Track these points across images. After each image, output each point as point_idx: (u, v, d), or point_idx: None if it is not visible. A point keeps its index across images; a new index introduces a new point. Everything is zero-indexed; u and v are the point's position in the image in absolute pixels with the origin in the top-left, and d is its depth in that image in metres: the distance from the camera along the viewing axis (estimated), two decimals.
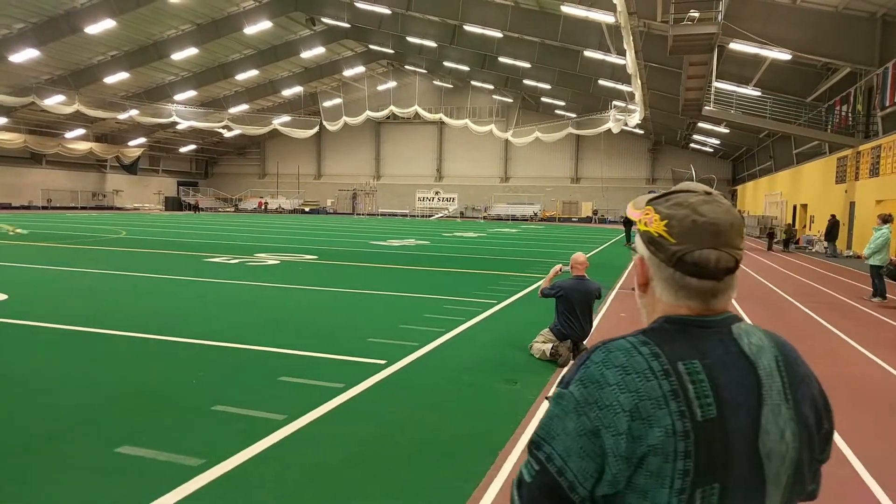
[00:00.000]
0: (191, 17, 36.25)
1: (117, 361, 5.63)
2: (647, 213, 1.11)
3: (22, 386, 4.87)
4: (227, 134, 54.16)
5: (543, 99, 47.68)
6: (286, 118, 51.48)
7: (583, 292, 6.19)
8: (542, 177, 56.48)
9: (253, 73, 45.22)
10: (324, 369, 5.49)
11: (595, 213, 53.30)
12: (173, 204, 59.17)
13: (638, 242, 1.13)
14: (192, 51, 38.81)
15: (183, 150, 60.50)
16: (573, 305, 6.12)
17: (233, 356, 5.93)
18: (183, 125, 48.96)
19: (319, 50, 43.51)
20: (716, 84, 23.11)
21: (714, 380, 0.99)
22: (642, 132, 49.40)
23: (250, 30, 37.31)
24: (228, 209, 60.78)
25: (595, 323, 7.94)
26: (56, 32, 33.77)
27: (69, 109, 40.99)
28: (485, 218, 53.82)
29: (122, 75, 40.47)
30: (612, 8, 18.45)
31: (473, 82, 48.21)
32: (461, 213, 56.26)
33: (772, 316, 9.36)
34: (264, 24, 37.07)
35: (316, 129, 51.32)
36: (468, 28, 31.38)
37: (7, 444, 3.73)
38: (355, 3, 32.95)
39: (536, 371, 5.66)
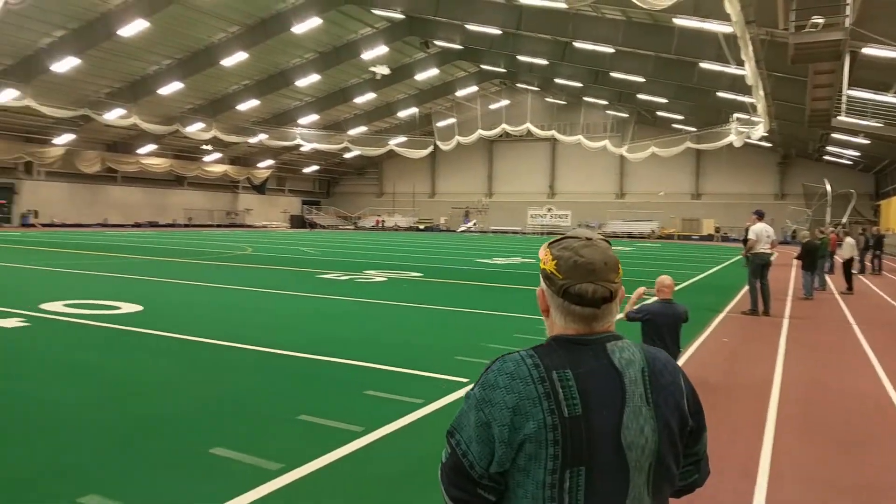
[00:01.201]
0: (314, 47, 38.52)
1: (221, 369, 6.16)
2: (546, 254, 1.39)
3: (133, 387, 5.46)
4: (347, 155, 56.80)
5: (660, 113, 46.21)
6: (402, 139, 53.23)
7: (670, 316, 6.02)
8: (660, 192, 54.59)
9: (371, 96, 47.20)
10: (407, 385, 5.72)
11: (717, 230, 50.68)
12: (298, 222, 62.65)
13: (540, 278, 1.41)
14: (314, 77, 41.20)
15: (307, 170, 64.07)
16: (660, 330, 5.97)
17: (325, 368, 6.30)
18: (307, 147, 51.95)
19: (433, 72, 44.73)
20: (848, 92, 21.44)
21: (582, 385, 1.25)
22: (769, 145, 46.56)
23: (368, 55, 39.06)
24: (348, 227, 63.53)
25: (693, 347, 7.68)
26: (198, 66, 37.06)
27: (207, 135, 44.75)
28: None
29: (253, 102, 43.61)
30: (728, 18, 17.71)
31: (586, 98, 47.59)
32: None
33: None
34: (381, 50, 38.70)
35: (430, 149, 52.65)
36: (579, 45, 31.14)
37: (112, 438, 4.23)
38: (466, 26, 33.65)
39: None
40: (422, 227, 60.41)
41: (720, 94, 32.89)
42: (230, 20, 33.64)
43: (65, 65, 32.99)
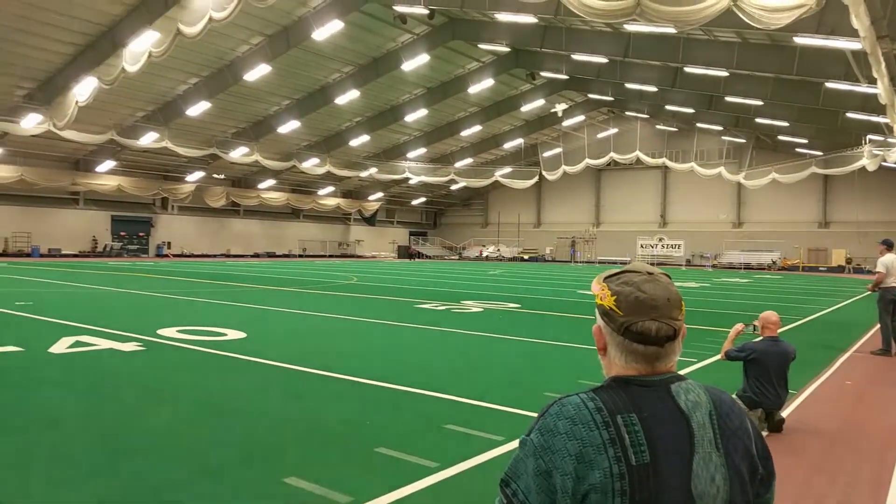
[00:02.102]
0: (422, 83, 39.68)
1: (312, 398, 6.28)
2: (602, 290, 1.32)
3: (224, 412, 5.66)
4: (453, 187, 57.69)
5: (781, 137, 43.54)
6: (507, 170, 53.42)
7: (780, 355, 5.52)
8: (782, 221, 51.16)
9: (477, 128, 47.85)
10: (490, 420, 5.56)
11: (849, 261, 46.67)
12: (405, 252, 64.15)
13: (596, 314, 1.34)
14: (422, 112, 42.36)
15: (414, 202, 65.67)
16: (768, 370, 5.48)
17: (411, 400, 6.26)
18: (414, 180, 53.36)
19: (539, 102, 44.73)
20: None
21: (648, 431, 1.18)
22: None
23: (474, 89, 39.71)
24: (453, 257, 64.22)
25: (810, 389, 7.00)
26: (314, 105, 39.19)
27: (322, 170, 47.01)
28: (714, 266, 50.03)
29: (364, 138, 45.41)
30: (855, 34, 16.46)
31: (699, 124, 45.75)
32: (687, 260, 52.93)
33: None
34: (487, 83, 39.22)
35: (535, 179, 52.47)
36: (690, 69, 30.08)
37: (196, 462, 4.36)
38: (573, 56, 33.46)
39: None
40: (526, 257, 59.98)
41: (850, 115, 30.55)
42: (344, 61, 35.39)
43: (197, 109, 35.91)
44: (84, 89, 30.15)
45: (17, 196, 40.28)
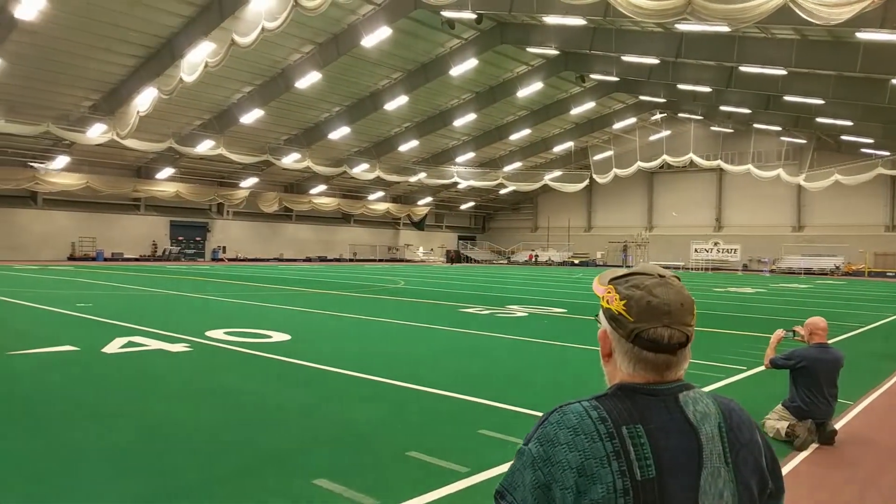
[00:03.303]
0: (470, 87, 39.72)
1: (349, 400, 6.31)
2: (609, 292, 1.24)
3: (262, 412, 5.74)
4: (502, 191, 57.51)
5: (844, 137, 41.78)
6: (557, 173, 52.94)
7: (830, 362, 5.26)
8: (846, 224, 49.03)
9: (526, 132, 47.58)
10: (527, 426, 5.46)
11: None
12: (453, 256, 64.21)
13: (601, 317, 1.27)
14: (471, 117, 42.37)
15: (463, 207, 65.70)
16: (817, 379, 5.22)
17: (446, 404, 6.23)
18: (463, 185, 53.40)
19: (589, 105, 44.17)
20: None
21: (655, 443, 1.11)
22: None
23: (523, 93, 39.50)
24: (501, 261, 63.97)
25: (867, 400, 6.66)
26: (363, 111, 39.69)
27: (371, 176, 47.55)
28: (772, 271, 48.35)
29: (413, 143, 45.71)
30: None
31: (756, 125, 44.34)
32: (744, 265, 51.31)
33: None
34: (536, 86, 38.95)
35: (586, 183, 51.88)
36: (746, 69, 29.20)
37: (232, 461, 4.43)
38: (623, 57, 32.93)
39: None
40: (576, 261, 59.24)
41: None
42: (393, 67, 35.74)
43: (251, 116, 36.83)
44: (145, 99, 31.33)
45: (83, 202, 42.10)
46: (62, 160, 38.88)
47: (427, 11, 29.35)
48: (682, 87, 35.77)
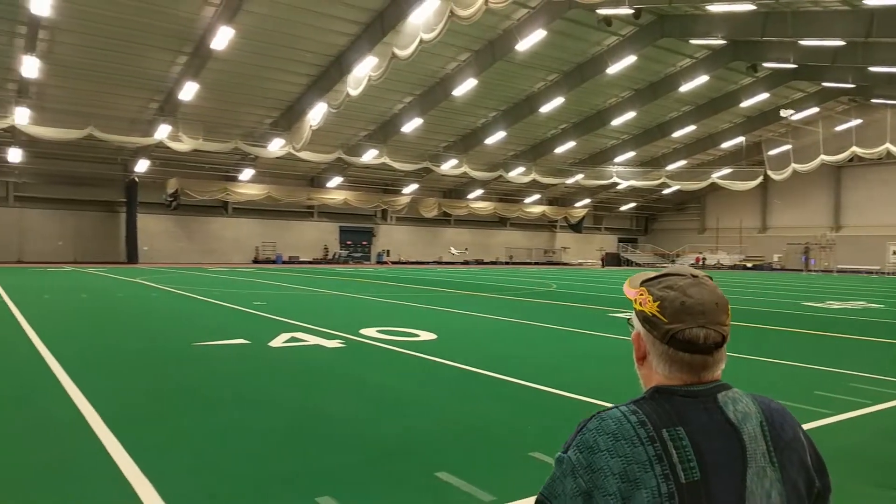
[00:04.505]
0: (629, 85, 38.47)
1: (485, 400, 6.44)
2: (642, 294, 1.24)
3: (400, 407, 6.03)
4: (665, 191, 54.94)
5: None
6: (726, 171, 49.61)
7: None
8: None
9: (690, 128, 45.12)
10: None
11: None
12: (612, 259, 62.35)
13: (635, 320, 1.27)
14: (630, 115, 41.01)
15: (623, 208, 63.60)
16: None
17: (581, 409, 6.13)
18: (623, 185, 51.76)
19: (762, 96, 40.90)
20: None
21: (697, 445, 1.10)
22: None
23: (687, 87, 37.53)
24: (665, 265, 61.02)
25: None
26: (519, 115, 39.95)
27: (527, 179, 47.65)
28: None
29: (570, 144, 45.15)
30: None
31: None
32: None
33: None
34: (701, 79, 36.83)
35: (759, 180, 48.11)
36: None
37: (362, 451, 4.72)
38: (800, 42, 30.14)
39: None
40: (749, 265, 54.97)
41: None
42: (548, 69, 35.62)
43: (411, 125, 38.54)
44: (316, 114, 34.00)
45: (265, 210, 46.53)
46: (248, 173, 43.25)
47: (582, 11, 28.91)
48: (874, 69, 31.98)
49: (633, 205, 63.26)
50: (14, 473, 4.19)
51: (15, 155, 35.77)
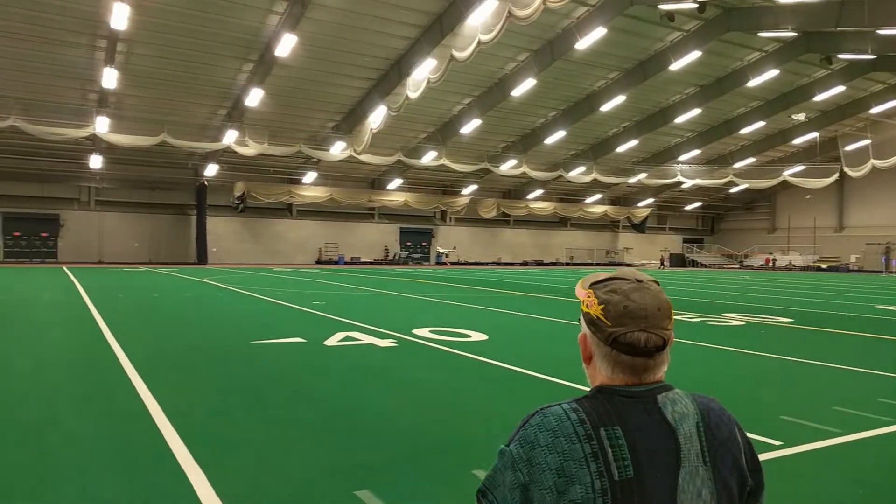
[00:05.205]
0: (693, 81, 37.44)
1: (529, 400, 6.46)
2: (589, 297, 1.27)
3: (445, 405, 6.12)
4: (732, 189, 53.17)
5: None
6: (798, 168, 47.62)
7: None
8: None
9: (759, 124, 43.52)
10: None
11: None
12: (676, 260, 60.70)
13: (581, 322, 1.30)
14: (695, 112, 39.91)
15: (688, 207, 61.85)
16: None
17: None
18: (688, 184, 50.37)
19: (838, 90, 39.01)
20: None
21: (633, 444, 1.14)
22: None
23: (755, 82, 36.24)
24: (732, 266, 59.02)
25: None
26: (579, 114, 39.48)
27: (588, 178, 47.01)
28: None
29: (632, 143, 44.28)
30: None
31: None
32: None
33: None
34: (771, 74, 35.50)
35: (835, 177, 45.93)
36: None
37: (407, 447, 4.84)
38: (879, 31, 28.63)
39: None
40: (824, 265, 52.53)
41: None
42: (609, 67, 35.09)
43: (470, 126, 38.64)
44: (376, 117, 34.57)
45: (328, 212, 47.60)
46: (311, 175, 44.35)
47: (644, 7, 28.37)
48: None
49: (698, 204, 61.46)
50: (81, 459, 4.51)
51: (96, 161, 37.86)
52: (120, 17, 24.43)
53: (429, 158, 41.50)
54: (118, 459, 4.52)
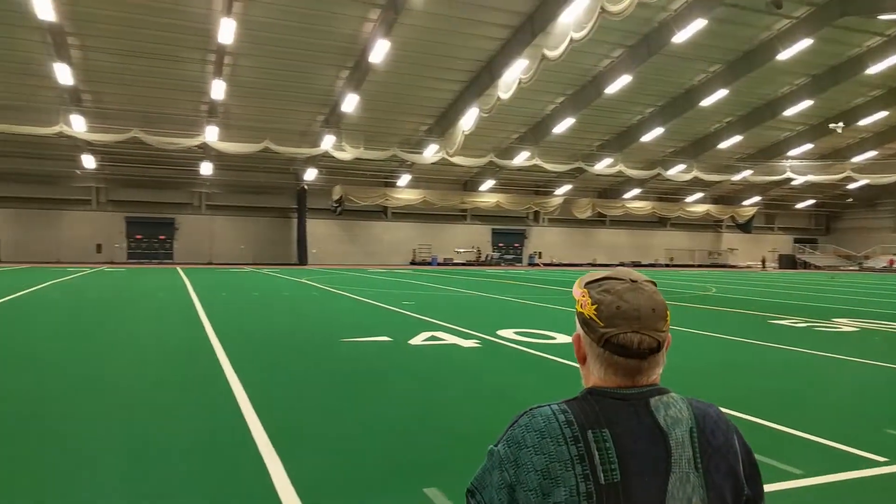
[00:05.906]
0: (804, 70, 35.23)
1: None
2: (584, 296, 1.24)
3: (510, 407, 6.04)
4: (850, 186, 49.47)
5: None
6: None
7: None
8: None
9: (881, 115, 40.28)
10: (794, 450, 4.84)
11: None
12: (786, 262, 57.13)
13: (576, 321, 1.27)
14: (805, 104, 37.53)
15: (799, 205, 58.08)
16: None
17: None
18: (798, 181, 47.34)
19: None
20: None
21: (621, 447, 1.12)
22: None
23: (876, 69, 33.62)
24: (851, 268, 54.82)
25: None
26: (678, 110, 38.06)
27: (688, 176, 45.19)
28: None
29: (736, 139, 42.18)
30: None
31: None
32: None
33: None
34: (893, 60, 32.78)
35: None
36: None
37: (479, 450, 4.82)
38: None
39: None
40: None
41: None
42: (710, 60, 33.66)
43: (563, 126, 38.14)
44: (468, 119, 34.80)
45: (420, 214, 48.36)
46: (405, 178, 45.22)
47: None
48: None
49: (811, 202, 57.59)
50: (172, 444, 4.83)
51: (206, 168, 40.37)
52: (227, 32, 25.95)
53: (521, 159, 41.29)
54: (201, 439, 4.81)
